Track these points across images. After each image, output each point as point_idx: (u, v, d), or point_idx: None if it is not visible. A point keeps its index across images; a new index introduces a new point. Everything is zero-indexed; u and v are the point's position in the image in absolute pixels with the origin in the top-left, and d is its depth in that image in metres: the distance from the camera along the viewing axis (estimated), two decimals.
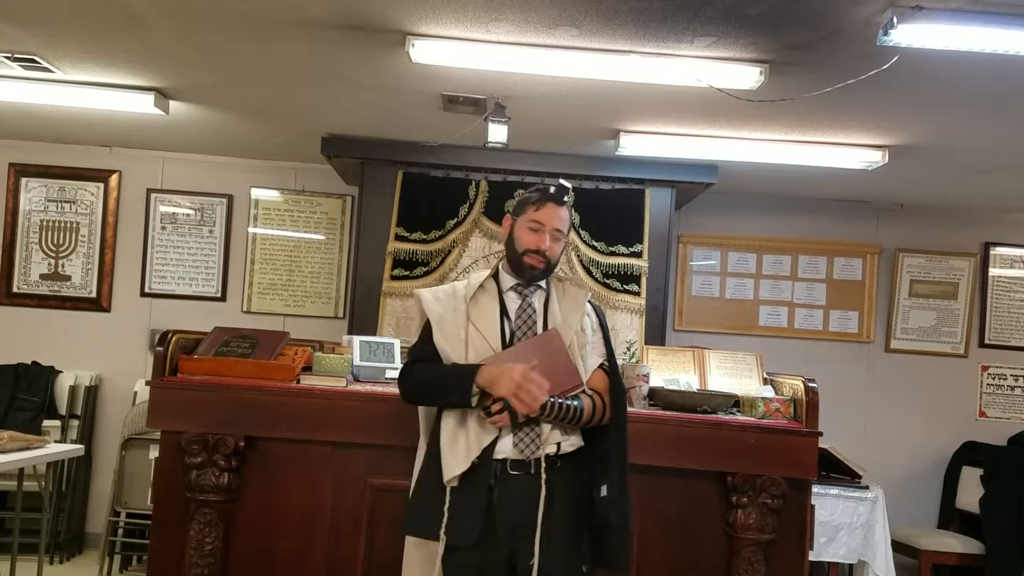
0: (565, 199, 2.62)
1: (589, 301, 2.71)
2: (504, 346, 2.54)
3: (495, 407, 2.42)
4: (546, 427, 2.49)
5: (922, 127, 4.32)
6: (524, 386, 2.38)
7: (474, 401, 2.45)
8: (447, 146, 5.04)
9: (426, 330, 2.62)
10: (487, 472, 2.45)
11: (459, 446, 2.46)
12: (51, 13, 3.54)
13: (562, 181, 2.66)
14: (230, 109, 4.84)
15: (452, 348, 2.55)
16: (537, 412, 2.42)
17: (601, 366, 2.64)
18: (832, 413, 4.02)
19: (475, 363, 2.49)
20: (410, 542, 2.64)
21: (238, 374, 3.07)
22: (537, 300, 2.63)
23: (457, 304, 2.61)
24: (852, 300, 6.12)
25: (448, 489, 2.45)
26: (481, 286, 2.63)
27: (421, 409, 2.69)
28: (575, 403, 2.50)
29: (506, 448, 2.47)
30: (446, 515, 2.43)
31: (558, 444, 2.51)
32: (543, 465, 2.47)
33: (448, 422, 2.51)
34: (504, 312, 2.60)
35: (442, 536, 2.43)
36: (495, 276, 2.66)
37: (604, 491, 2.50)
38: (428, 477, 2.52)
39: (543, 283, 2.67)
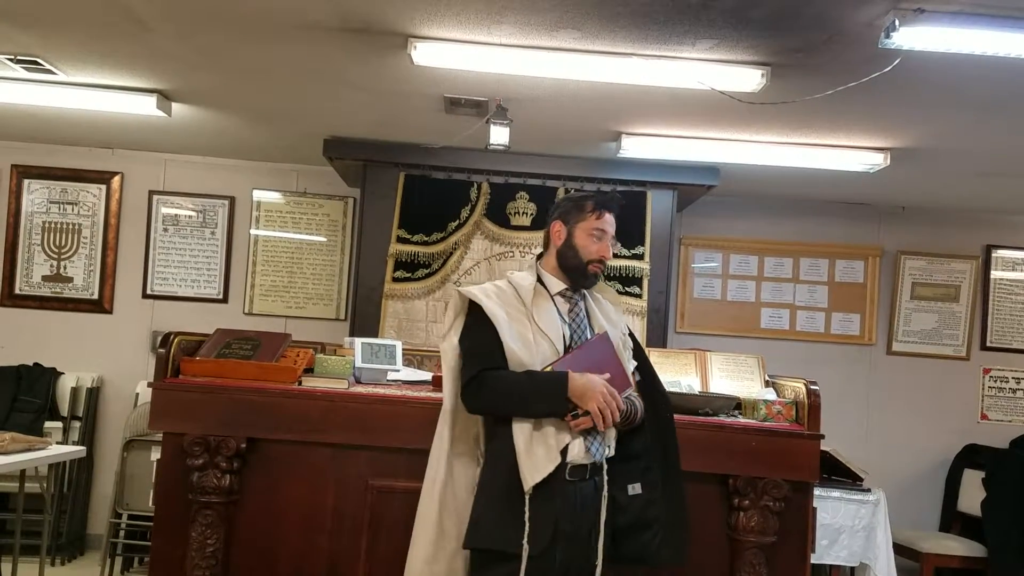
0: (616, 206, 2.65)
1: None
2: (565, 350, 2.52)
3: (581, 410, 2.41)
4: (611, 431, 2.50)
5: (924, 130, 4.32)
6: (610, 404, 2.40)
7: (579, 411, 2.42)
8: (449, 148, 5.04)
9: (483, 331, 2.51)
10: (559, 476, 2.42)
11: (537, 452, 2.41)
12: (53, 15, 3.55)
13: (615, 190, 2.68)
14: (232, 111, 4.84)
15: (524, 352, 2.48)
16: (618, 414, 2.44)
17: (634, 370, 2.65)
18: (834, 416, 4.02)
19: (559, 372, 2.45)
20: (420, 557, 2.56)
21: (240, 376, 3.07)
22: (582, 305, 2.64)
23: (516, 305, 2.55)
24: (854, 302, 6.12)
25: (527, 497, 2.39)
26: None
27: (458, 418, 2.59)
28: (635, 405, 2.52)
29: (576, 452, 2.45)
30: (528, 525, 2.38)
31: (609, 447, 2.52)
32: (604, 468, 2.48)
33: (523, 428, 2.43)
34: (561, 316, 2.59)
35: (524, 545, 2.37)
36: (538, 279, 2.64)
37: (637, 489, 2.50)
38: (500, 485, 2.44)
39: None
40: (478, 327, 2.53)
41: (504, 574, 2.38)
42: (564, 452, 2.43)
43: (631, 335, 2.72)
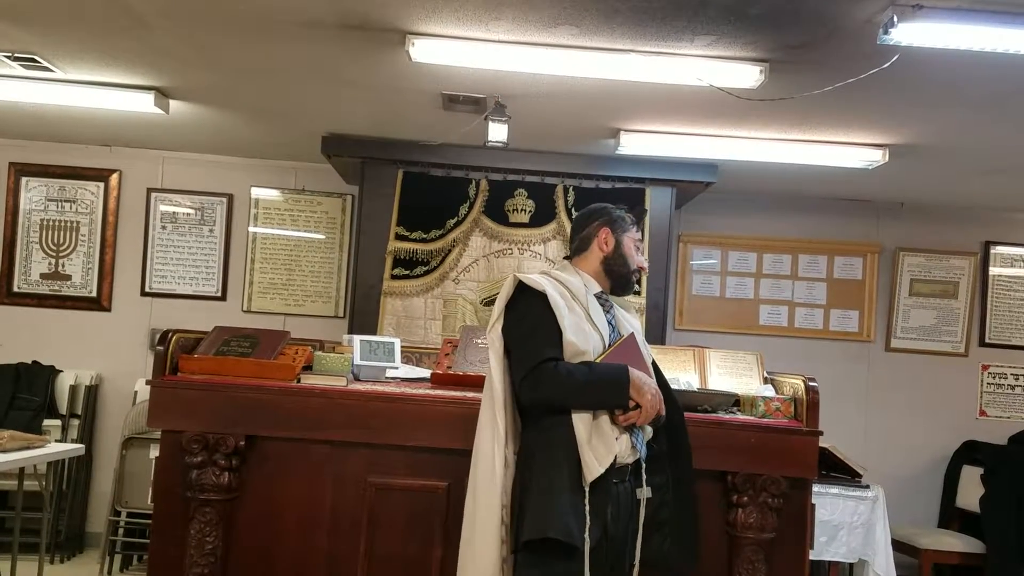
0: None
1: None
2: (606, 349, 2.56)
3: (632, 403, 2.45)
4: (649, 429, 2.54)
5: (922, 126, 4.32)
6: (656, 405, 2.47)
7: (631, 404, 2.46)
8: (447, 145, 5.04)
9: (542, 321, 2.50)
10: (607, 475, 2.43)
11: (598, 445, 2.43)
12: (52, 13, 3.54)
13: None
14: (230, 108, 4.84)
15: (582, 342, 2.50)
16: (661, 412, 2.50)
17: None
18: (832, 412, 4.02)
19: (618, 364, 2.49)
20: (491, 558, 2.46)
21: (238, 373, 3.07)
22: (613, 311, 2.69)
23: (578, 302, 2.58)
24: (852, 299, 6.12)
25: (587, 491, 2.40)
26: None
27: (510, 407, 2.55)
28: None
29: (623, 449, 2.48)
30: (588, 519, 2.38)
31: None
32: (643, 467, 2.51)
33: (584, 420, 2.44)
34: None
35: (586, 538, 2.37)
36: None
37: (648, 493, 2.53)
38: (557, 477, 2.42)
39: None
40: (536, 316, 2.51)
41: (564, 570, 2.36)
42: None
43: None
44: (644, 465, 2.52)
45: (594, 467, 2.39)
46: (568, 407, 2.45)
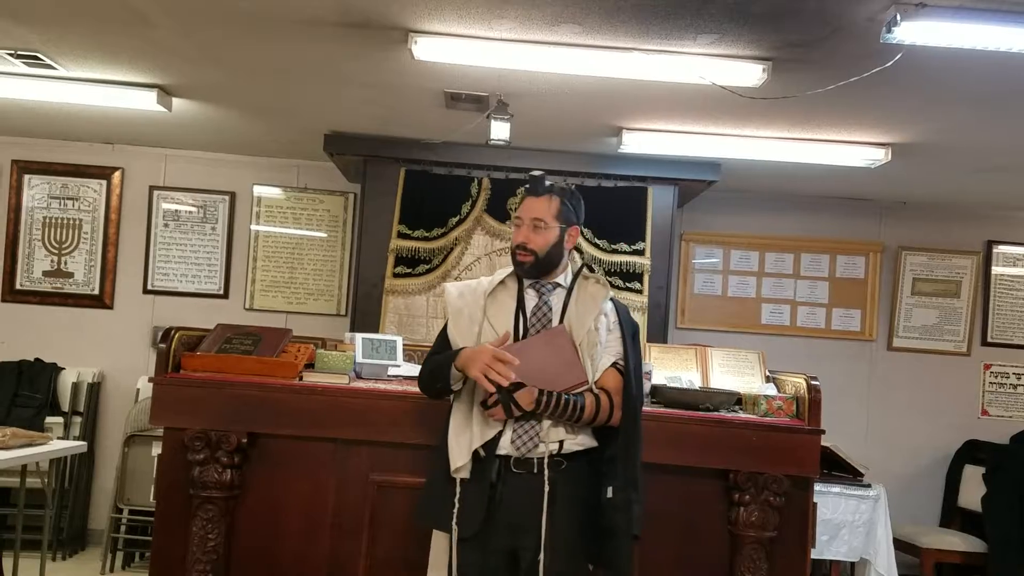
0: (541, 188, 2.64)
1: (613, 300, 2.69)
2: (516, 340, 2.57)
3: (490, 400, 2.46)
4: (546, 424, 2.49)
5: (925, 125, 4.32)
6: (492, 365, 2.41)
7: (456, 386, 2.54)
8: (449, 143, 5.04)
9: (446, 320, 2.71)
10: (491, 467, 2.49)
11: (463, 439, 2.51)
12: (54, 10, 3.54)
13: (535, 172, 2.69)
14: (233, 106, 4.84)
15: (464, 341, 2.60)
16: (532, 404, 2.45)
17: (615, 365, 2.59)
18: (834, 411, 4.01)
19: (456, 351, 2.56)
20: (438, 533, 2.68)
21: (241, 371, 3.08)
22: (555, 299, 2.64)
23: (477, 299, 2.65)
24: (854, 298, 6.12)
25: (459, 481, 2.50)
26: (502, 282, 2.66)
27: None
28: (573, 398, 2.48)
29: (505, 445, 2.50)
30: (456, 506, 2.48)
31: (560, 443, 2.50)
32: (546, 463, 2.48)
33: (457, 416, 2.56)
34: (521, 308, 2.61)
35: (453, 527, 2.47)
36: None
37: (610, 493, 2.49)
38: (438, 469, 2.57)
39: (562, 281, 2.66)
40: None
41: (459, 552, 2.50)
42: (496, 443, 2.49)
43: (621, 327, 2.63)
44: (548, 462, 2.48)
45: (451, 462, 2.50)
46: (432, 395, 2.67)
